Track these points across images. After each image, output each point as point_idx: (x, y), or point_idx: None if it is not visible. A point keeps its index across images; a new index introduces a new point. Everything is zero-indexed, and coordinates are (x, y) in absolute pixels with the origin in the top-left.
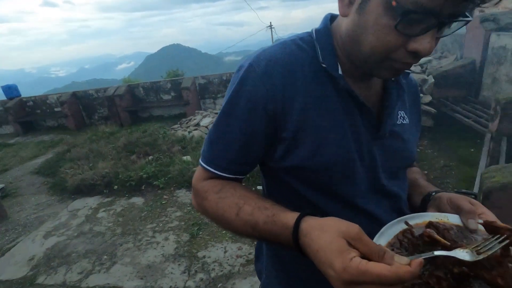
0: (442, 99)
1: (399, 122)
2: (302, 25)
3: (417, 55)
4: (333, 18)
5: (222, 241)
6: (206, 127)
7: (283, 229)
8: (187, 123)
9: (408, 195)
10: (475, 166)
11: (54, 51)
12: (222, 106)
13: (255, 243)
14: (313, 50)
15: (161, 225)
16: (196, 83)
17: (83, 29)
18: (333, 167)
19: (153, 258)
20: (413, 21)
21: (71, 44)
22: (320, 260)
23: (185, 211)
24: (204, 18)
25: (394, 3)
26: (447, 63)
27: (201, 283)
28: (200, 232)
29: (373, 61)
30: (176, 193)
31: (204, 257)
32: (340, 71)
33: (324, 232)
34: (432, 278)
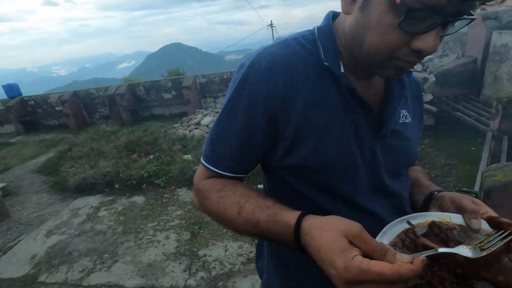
0: (443, 97)
1: (401, 121)
2: (303, 24)
3: (421, 54)
4: (335, 15)
5: (222, 240)
6: (207, 126)
7: (284, 228)
8: (187, 122)
9: (410, 194)
10: (476, 164)
11: (55, 50)
12: (223, 104)
13: (256, 241)
14: (315, 48)
15: (162, 223)
16: (196, 82)
17: (84, 28)
18: (335, 166)
19: (154, 256)
20: (417, 19)
21: (72, 43)
22: (321, 259)
23: (185, 209)
24: (204, 17)
25: (398, 0)
26: (448, 61)
27: (201, 282)
28: (201, 231)
29: (376, 60)
30: (177, 192)
31: (205, 255)
32: (342, 69)
33: (325, 231)
34: (435, 278)
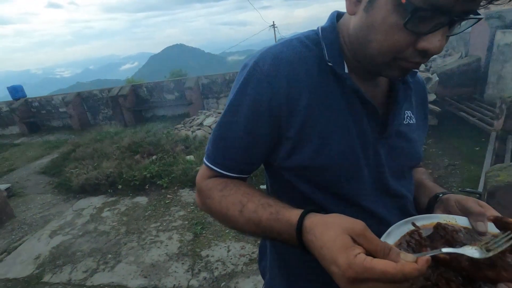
0: (446, 97)
1: (406, 122)
2: (305, 24)
3: (427, 54)
4: (339, 15)
5: (225, 240)
6: (209, 126)
7: (286, 226)
8: (190, 122)
9: (414, 196)
10: (480, 165)
11: (59, 52)
12: (227, 104)
13: (258, 242)
14: (319, 48)
15: (164, 224)
16: (199, 83)
17: (87, 30)
18: (338, 167)
19: (157, 257)
20: (423, 18)
21: (75, 45)
22: (324, 257)
23: (188, 210)
24: (207, 18)
25: (403, 0)
26: (451, 61)
27: (204, 282)
28: (204, 231)
29: (381, 61)
30: (179, 193)
31: (207, 256)
32: (346, 70)
33: (328, 228)
34: (441, 280)
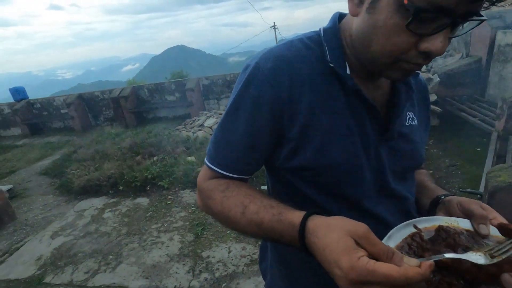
0: (447, 98)
1: (408, 123)
2: (306, 25)
3: (429, 56)
4: (341, 16)
5: (226, 241)
6: (210, 127)
7: (289, 227)
8: (191, 124)
9: (416, 197)
10: (481, 165)
11: (61, 53)
12: (228, 105)
13: (259, 243)
14: (321, 49)
15: (166, 225)
16: (200, 84)
17: (89, 32)
18: (339, 168)
19: (158, 258)
20: (425, 20)
21: (77, 46)
22: (326, 259)
23: (189, 211)
24: (208, 19)
25: (405, 1)
26: (452, 61)
27: (205, 283)
28: (205, 232)
29: (383, 62)
30: (180, 194)
31: (208, 257)
32: (348, 71)
33: (331, 230)
34: (443, 284)
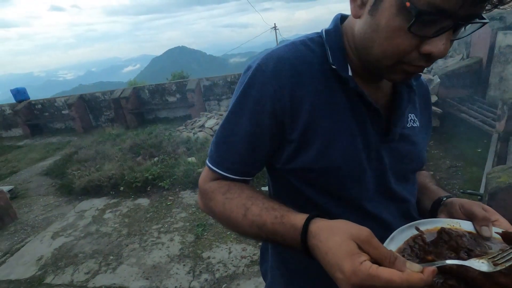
0: (448, 99)
1: (409, 125)
2: (306, 26)
3: (431, 58)
4: (343, 18)
5: (226, 242)
6: (211, 128)
7: (291, 230)
8: (192, 124)
9: (418, 199)
10: (482, 166)
11: (62, 54)
12: (230, 106)
13: (260, 244)
14: (323, 50)
15: (166, 226)
16: (201, 85)
17: (90, 33)
18: (341, 170)
19: (158, 258)
20: (427, 22)
21: (78, 47)
22: (328, 262)
23: (190, 212)
24: (208, 20)
25: (408, 3)
26: (453, 62)
27: (205, 284)
28: (205, 233)
29: (385, 64)
30: (181, 194)
31: (208, 257)
32: (350, 72)
33: (334, 234)
34: (446, 287)
